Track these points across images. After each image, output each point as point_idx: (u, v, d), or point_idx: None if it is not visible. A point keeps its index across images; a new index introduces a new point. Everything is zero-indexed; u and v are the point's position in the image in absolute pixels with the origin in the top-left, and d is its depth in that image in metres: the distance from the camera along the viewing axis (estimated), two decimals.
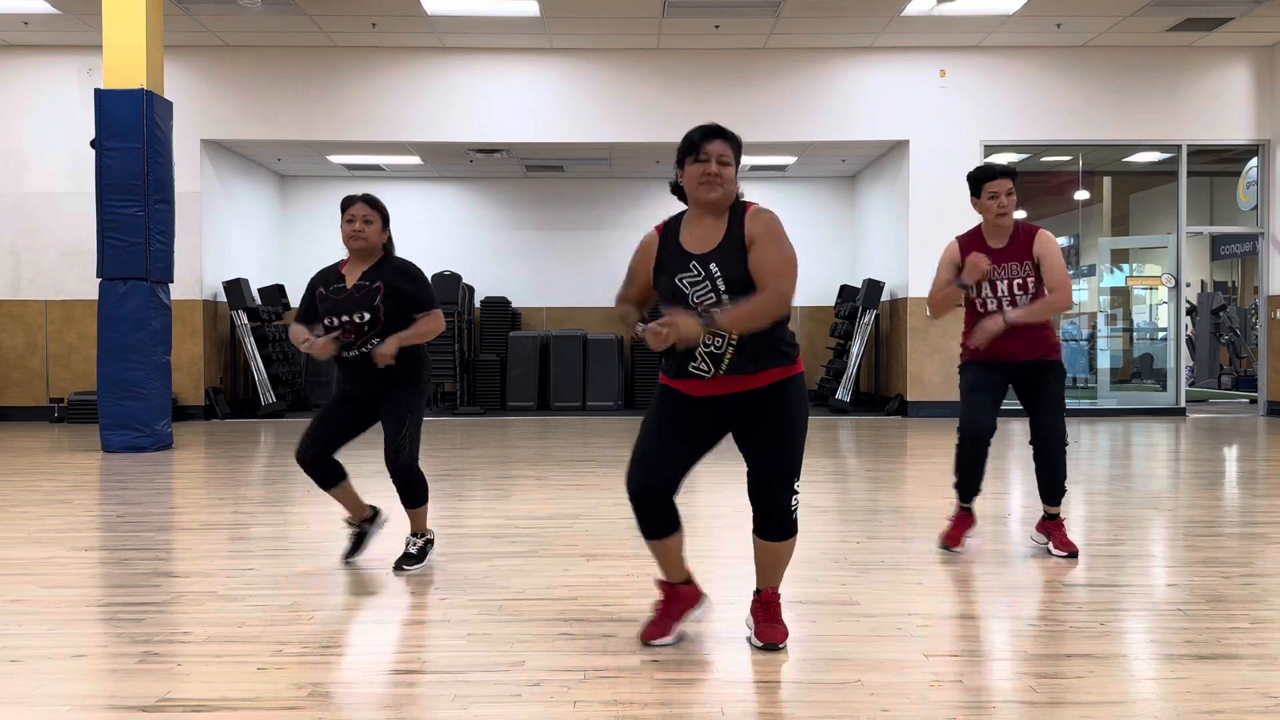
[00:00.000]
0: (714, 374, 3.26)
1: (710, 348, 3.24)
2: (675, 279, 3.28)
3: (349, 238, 4.38)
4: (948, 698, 2.95)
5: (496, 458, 8.65)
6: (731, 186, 3.31)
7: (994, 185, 4.63)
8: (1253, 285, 17.50)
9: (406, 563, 4.53)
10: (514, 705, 2.91)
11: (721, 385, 3.29)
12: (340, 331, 4.33)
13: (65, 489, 7.02)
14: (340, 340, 4.33)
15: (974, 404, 4.74)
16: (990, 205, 4.65)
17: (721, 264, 3.24)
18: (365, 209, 4.41)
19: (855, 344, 13.17)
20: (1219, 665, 3.23)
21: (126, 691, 3.02)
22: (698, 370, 3.27)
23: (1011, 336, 4.63)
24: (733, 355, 3.24)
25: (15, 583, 4.32)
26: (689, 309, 3.22)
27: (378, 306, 4.34)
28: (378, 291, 4.35)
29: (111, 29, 9.20)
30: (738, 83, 12.40)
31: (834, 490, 6.93)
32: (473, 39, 12.05)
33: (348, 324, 4.33)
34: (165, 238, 9.39)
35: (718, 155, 3.28)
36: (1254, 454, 9.12)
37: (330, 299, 4.40)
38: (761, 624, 3.44)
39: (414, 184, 15.22)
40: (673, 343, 3.14)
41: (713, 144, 3.29)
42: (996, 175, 4.64)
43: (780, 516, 3.35)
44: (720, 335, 3.22)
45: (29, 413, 12.14)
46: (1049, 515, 4.87)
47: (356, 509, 4.66)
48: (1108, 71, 12.43)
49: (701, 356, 3.26)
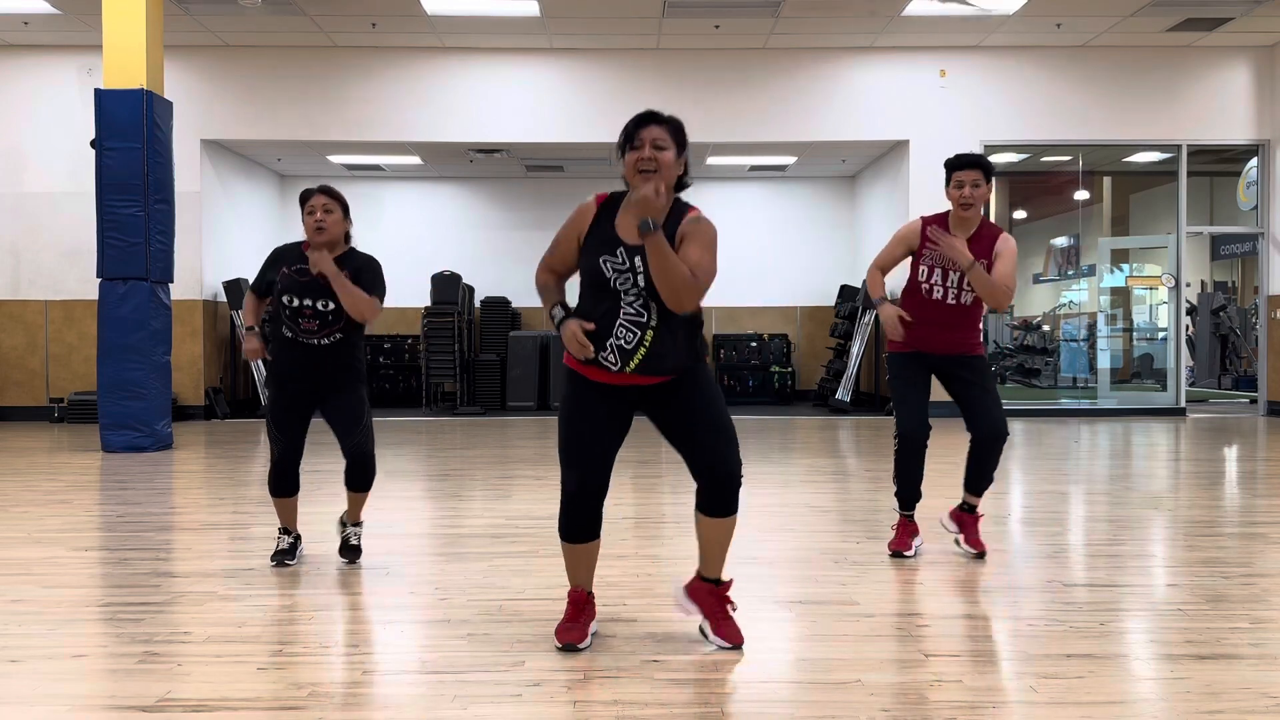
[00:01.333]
0: (620, 369, 3.22)
1: (622, 341, 3.20)
2: (600, 259, 3.23)
3: (312, 231, 4.37)
4: (948, 698, 2.95)
5: (496, 458, 8.65)
6: (669, 171, 3.24)
7: (961, 174, 4.51)
8: (1253, 285, 17.50)
9: (356, 555, 4.60)
10: (514, 705, 2.91)
11: (626, 379, 3.25)
12: (300, 315, 4.31)
13: (65, 489, 7.02)
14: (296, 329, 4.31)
15: (910, 408, 4.64)
16: (953, 195, 4.53)
17: (647, 260, 3.16)
18: (325, 199, 4.41)
19: (855, 344, 13.17)
20: (1219, 665, 3.22)
21: (126, 691, 3.02)
22: (605, 360, 3.22)
23: (937, 331, 4.57)
24: (644, 356, 3.20)
25: (15, 583, 4.32)
26: (607, 291, 3.20)
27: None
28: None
29: (111, 29, 9.20)
30: (738, 83, 12.40)
31: (834, 490, 6.93)
32: (473, 39, 12.04)
33: (308, 309, 4.32)
34: (165, 238, 9.39)
35: (652, 140, 3.23)
36: (1254, 454, 9.12)
37: (294, 279, 4.36)
38: (722, 622, 3.42)
39: (414, 184, 15.21)
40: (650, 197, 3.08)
41: (648, 129, 3.24)
42: (965, 165, 4.53)
43: (734, 486, 3.32)
44: (634, 331, 3.19)
45: (29, 413, 12.13)
46: (969, 507, 4.75)
47: (291, 521, 4.69)
48: (1108, 71, 12.43)
49: (612, 348, 3.21)
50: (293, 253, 4.49)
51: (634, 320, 3.20)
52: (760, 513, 5.95)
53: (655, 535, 5.29)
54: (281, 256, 4.49)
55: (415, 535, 5.41)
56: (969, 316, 4.61)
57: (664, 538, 5.22)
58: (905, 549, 4.72)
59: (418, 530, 5.55)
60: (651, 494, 6.57)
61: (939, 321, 4.58)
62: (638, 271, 3.19)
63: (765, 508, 6.11)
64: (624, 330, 3.20)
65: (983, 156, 4.63)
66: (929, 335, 4.60)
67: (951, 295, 4.54)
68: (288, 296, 4.35)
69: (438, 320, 13.43)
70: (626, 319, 3.21)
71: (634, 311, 3.21)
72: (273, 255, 4.53)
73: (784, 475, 7.57)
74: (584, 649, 3.36)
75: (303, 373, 4.41)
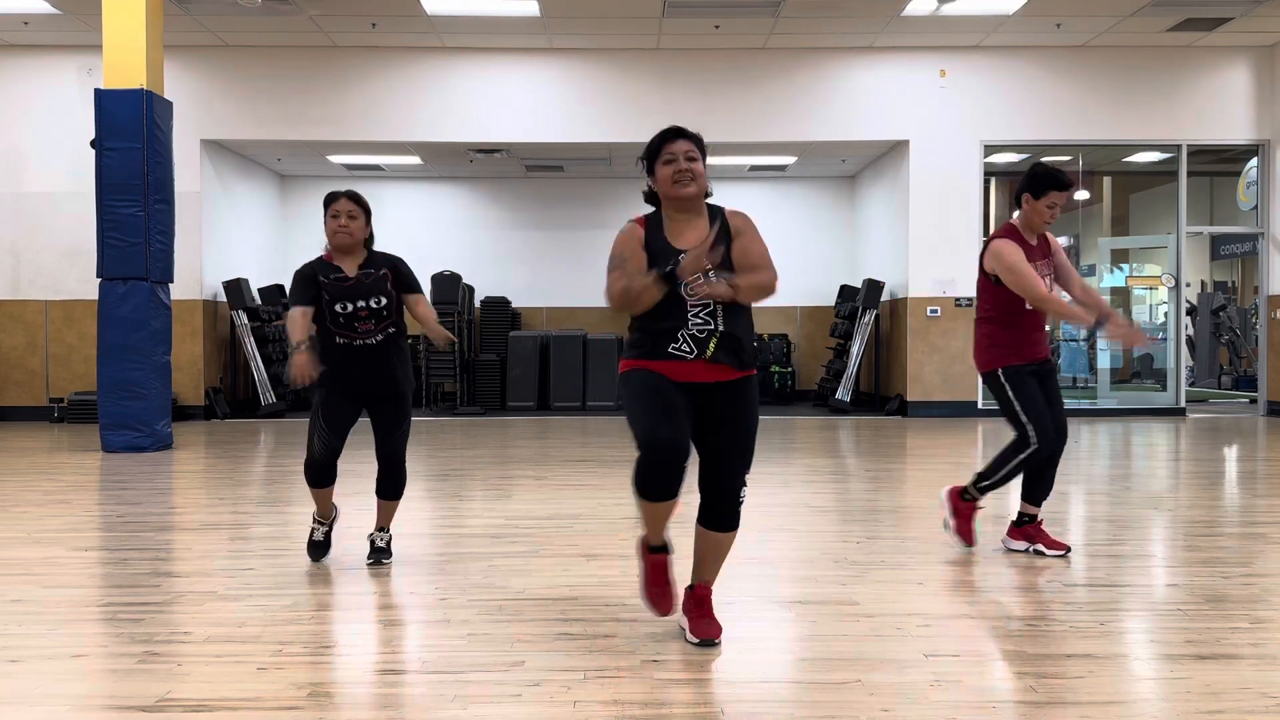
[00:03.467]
0: (696, 356, 3.31)
1: (694, 330, 3.31)
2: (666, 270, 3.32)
3: (335, 233, 4.41)
4: (948, 698, 2.95)
5: (496, 458, 8.65)
6: (703, 180, 3.40)
7: (1057, 196, 4.63)
8: (1253, 285, 17.50)
9: (385, 556, 4.64)
10: (514, 705, 2.91)
11: (703, 372, 3.33)
12: (355, 319, 4.37)
13: (65, 489, 7.02)
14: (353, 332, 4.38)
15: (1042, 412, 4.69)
16: (1046, 212, 4.66)
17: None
18: (350, 205, 4.45)
19: (855, 344, 13.17)
20: (1219, 665, 3.23)
21: (126, 691, 3.02)
22: (679, 351, 3.32)
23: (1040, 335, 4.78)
24: (718, 342, 3.32)
25: (15, 583, 4.32)
26: (678, 297, 3.29)
27: (390, 292, 4.45)
28: (386, 278, 4.46)
29: (111, 29, 9.20)
30: (738, 83, 12.40)
31: (834, 490, 6.93)
32: (473, 39, 12.04)
33: (364, 310, 4.37)
34: (165, 238, 9.39)
35: (684, 153, 3.39)
36: (1254, 454, 9.12)
37: (338, 286, 4.38)
38: (695, 619, 3.46)
39: (414, 184, 15.21)
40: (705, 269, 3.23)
41: (676, 143, 3.40)
42: (1063, 186, 4.63)
43: (735, 506, 3.42)
44: (707, 321, 3.30)
45: (29, 413, 12.13)
46: (1032, 518, 4.88)
47: (328, 509, 4.73)
48: (1108, 71, 12.42)
49: (685, 338, 3.31)
50: (319, 266, 4.47)
51: (701, 326, 3.33)
52: (760, 513, 5.95)
53: None
54: (315, 271, 4.43)
55: (415, 535, 5.40)
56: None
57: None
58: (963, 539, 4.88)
59: (418, 530, 5.55)
60: None
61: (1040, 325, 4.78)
62: (705, 270, 3.28)
63: (765, 508, 6.10)
64: (696, 322, 3.32)
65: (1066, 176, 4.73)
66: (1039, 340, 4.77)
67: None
68: (340, 304, 4.37)
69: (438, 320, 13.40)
70: (694, 325, 3.33)
71: (701, 319, 3.33)
72: (303, 275, 4.41)
73: (784, 475, 7.57)
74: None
75: (362, 372, 4.44)
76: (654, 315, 3.34)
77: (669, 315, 3.32)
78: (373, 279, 4.44)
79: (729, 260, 3.35)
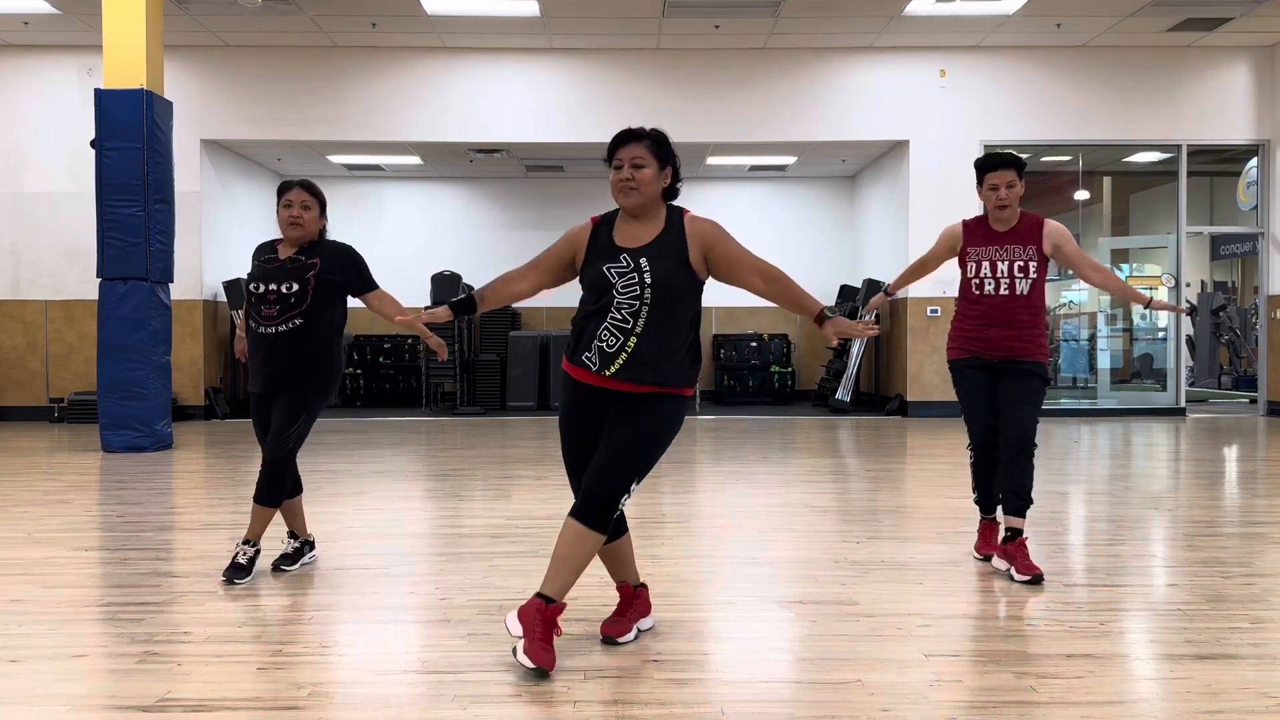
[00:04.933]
0: (599, 370, 3.27)
1: (604, 344, 3.25)
2: (604, 268, 3.28)
3: (286, 225, 4.31)
4: (948, 698, 2.95)
5: (496, 458, 8.65)
6: (649, 187, 3.30)
7: (994, 177, 4.49)
8: (1253, 285, 17.49)
9: (237, 575, 4.27)
10: (514, 705, 2.91)
11: (607, 383, 3.29)
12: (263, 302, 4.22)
13: (65, 489, 7.02)
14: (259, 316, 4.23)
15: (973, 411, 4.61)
16: (989, 196, 4.51)
17: (652, 260, 3.26)
18: (303, 194, 4.34)
19: (855, 344, 13.17)
20: (1219, 665, 3.23)
21: (126, 691, 3.02)
22: (587, 360, 3.29)
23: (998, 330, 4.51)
24: (625, 361, 3.24)
25: (15, 583, 4.32)
26: (605, 296, 3.24)
27: (308, 280, 4.24)
28: (311, 267, 4.27)
29: (111, 29, 9.20)
30: (738, 83, 12.40)
31: (834, 490, 6.93)
32: (473, 39, 12.04)
33: (272, 293, 4.22)
34: (165, 238, 9.39)
35: (631, 159, 3.31)
36: (1254, 454, 9.12)
37: (260, 267, 4.33)
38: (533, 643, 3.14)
39: (414, 184, 15.21)
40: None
41: (626, 149, 3.33)
42: (996, 166, 4.50)
43: (596, 506, 3.19)
44: (618, 336, 3.23)
45: (29, 413, 12.13)
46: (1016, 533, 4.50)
47: (302, 527, 4.61)
48: (1108, 71, 12.42)
49: (595, 349, 3.27)
50: (263, 247, 4.45)
51: (619, 326, 3.24)
52: (760, 513, 5.95)
53: (655, 535, 5.29)
54: (256, 253, 4.45)
55: (415, 535, 5.41)
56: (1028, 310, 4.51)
57: (664, 537, 5.22)
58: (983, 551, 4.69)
59: (418, 530, 5.55)
60: (651, 494, 6.57)
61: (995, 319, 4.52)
62: (643, 271, 3.24)
63: (765, 508, 6.11)
64: (608, 334, 3.25)
65: (1013, 155, 4.58)
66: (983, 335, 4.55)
67: (1005, 283, 4.50)
68: (254, 284, 4.28)
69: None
70: (612, 323, 3.24)
71: (620, 318, 3.24)
72: (254, 254, 4.48)
73: (784, 475, 7.57)
74: (623, 643, 3.42)
75: (260, 362, 4.27)
76: (580, 321, 3.33)
77: (588, 320, 3.30)
78: (297, 265, 4.25)
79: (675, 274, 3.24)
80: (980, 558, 4.69)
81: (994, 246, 4.53)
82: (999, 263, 4.51)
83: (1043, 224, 4.55)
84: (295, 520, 4.58)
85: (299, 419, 4.27)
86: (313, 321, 4.24)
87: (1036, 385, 4.47)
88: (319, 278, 4.26)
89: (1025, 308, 4.49)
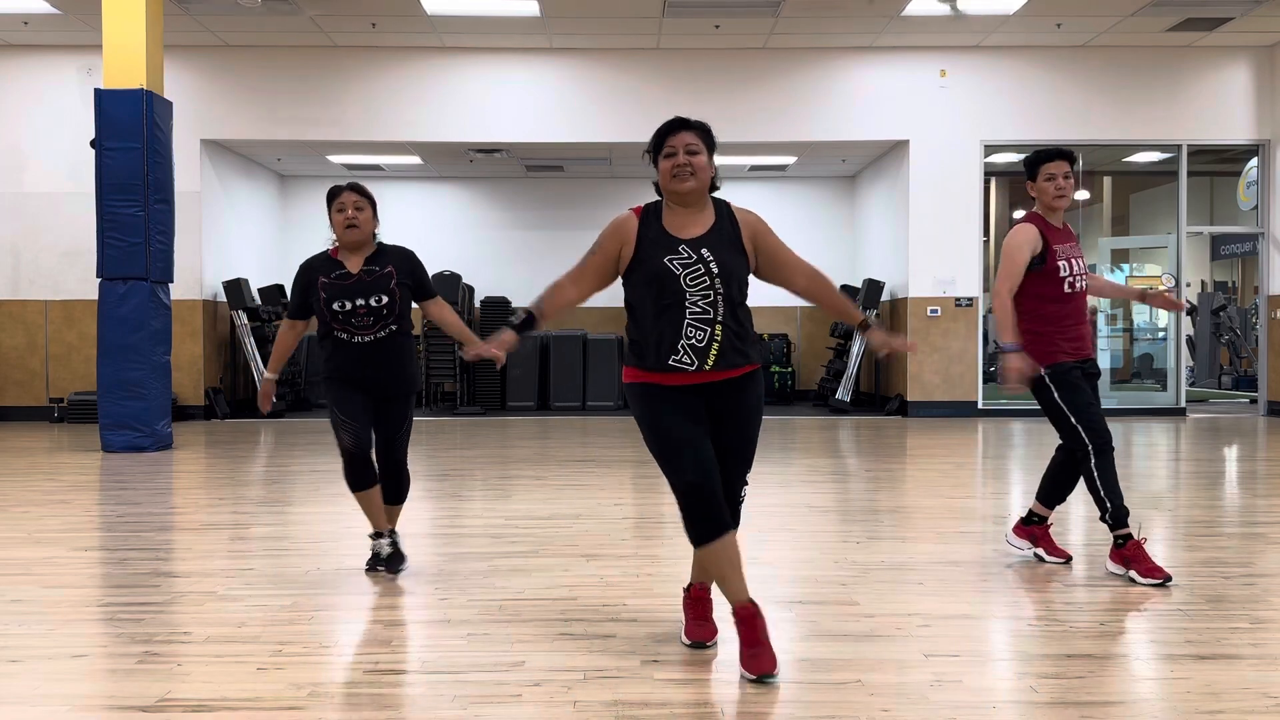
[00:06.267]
0: (698, 368, 3.22)
1: (693, 341, 3.21)
2: (665, 260, 3.22)
3: (343, 227, 4.31)
4: (948, 698, 2.95)
5: (496, 458, 8.65)
6: (705, 174, 3.29)
7: (1052, 166, 4.43)
8: (1253, 285, 17.49)
9: (397, 564, 4.47)
10: (514, 705, 2.91)
11: (707, 376, 3.25)
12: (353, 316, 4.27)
13: (65, 489, 7.02)
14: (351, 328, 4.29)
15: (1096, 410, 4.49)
16: (1047, 187, 4.43)
17: (713, 249, 3.24)
18: (356, 197, 4.34)
19: (855, 344, 13.16)
20: (1219, 665, 3.22)
21: (126, 691, 3.02)
22: (679, 364, 3.22)
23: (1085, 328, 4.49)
24: (718, 352, 3.22)
25: (15, 583, 4.32)
26: (670, 292, 3.19)
27: (394, 290, 4.31)
28: (390, 276, 4.33)
29: (111, 29, 9.20)
30: (738, 83, 12.40)
31: (834, 490, 6.93)
32: (473, 39, 12.04)
33: (362, 308, 4.27)
34: (165, 238, 9.39)
35: (685, 146, 3.27)
36: (1254, 454, 9.12)
37: (338, 285, 4.30)
38: (690, 620, 3.47)
39: (414, 184, 15.21)
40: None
41: (678, 136, 3.29)
42: (1054, 156, 4.45)
43: (735, 506, 3.36)
44: (704, 328, 3.20)
45: (29, 413, 12.13)
46: (1042, 519, 4.64)
47: (380, 518, 4.54)
48: (1108, 71, 12.42)
49: (684, 350, 3.22)
50: (321, 263, 4.40)
51: (700, 318, 3.21)
52: (760, 513, 5.95)
53: (655, 535, 5.29)
54: (313, 270, 4.38)
55: (415, 535, 5.40)
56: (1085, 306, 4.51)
57: (664, 538, 5.22)
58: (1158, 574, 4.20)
59: (418, 530, 5.55)
60: (651, 494, 6.57)
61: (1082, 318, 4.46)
62: (708, 261, 3.22)
63: (765, 508, 6.10)
64: (693, 330, 3.21)
65: (1067, 149, 4.53)
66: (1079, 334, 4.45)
67: (1081, 279, 4.44)
68: (338, 303, 4.28)
69: None
70: (693, 318, 3.21)
71: (700, 309, 3.21)
72: (302, 280, 4.39)
73: (784, 475, 7.57)
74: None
75: (362, 368, 4.36)
76: (650, 322, 3.24)
77: (661, 320, 3.22)
78: (375, 276, 4.32)
79: (738, 264, 3.27)
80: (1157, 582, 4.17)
81: (1069, 244, 4.48)
82: (1074, 260, 4.44)
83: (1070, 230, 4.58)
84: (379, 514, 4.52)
85: (408, 423, 4.50)
86: (404, 324, 4.41)
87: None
88: (399, 284, 4.35)
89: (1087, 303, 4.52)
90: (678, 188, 3.26)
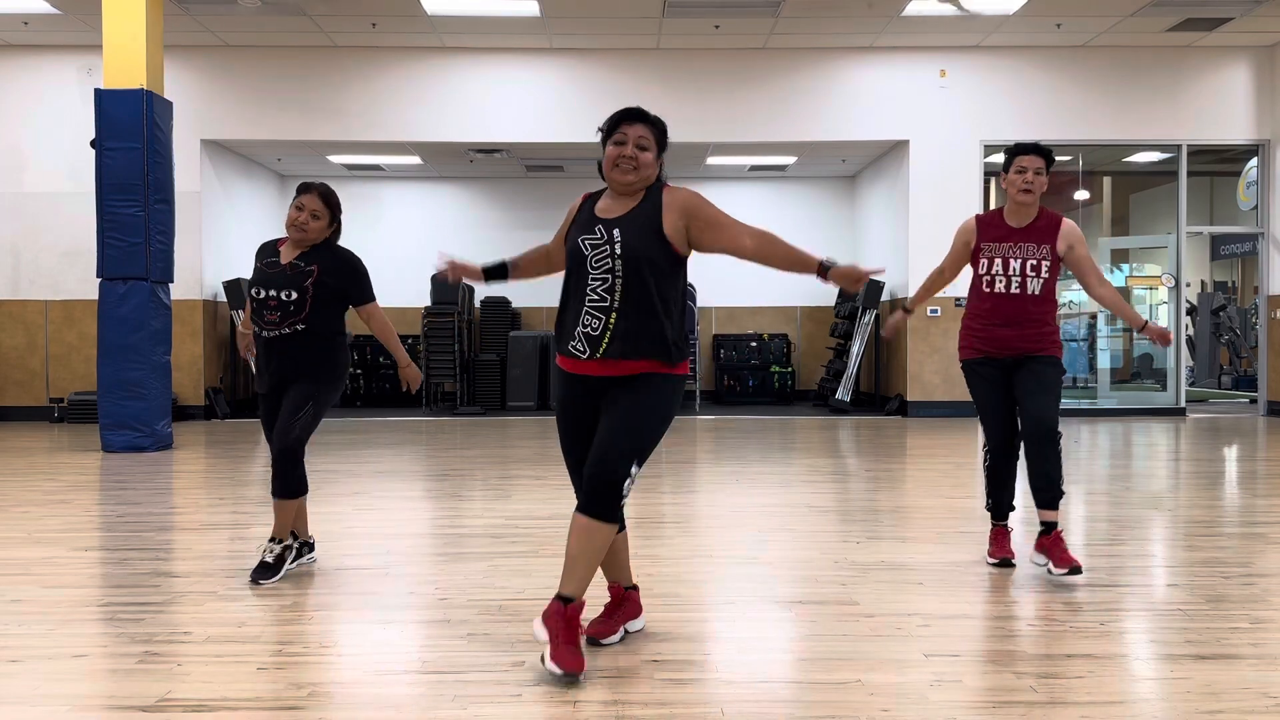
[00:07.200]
0: (589, 356, 3.21)
1: (588, 329, 3.20)
2: (580, 240, 3.26)
3: (290, 225, 4.28)
4: (948, 698, 2.95)
5: (496, 458, 8.65)
6: (647, 170, 3.27)
7: (1024, 159, 4.43)
8: (1253, 285, 17.49)
9: (263, 575, 4.24)
10: (514, 705, 2.91)
11: (597, 368, 3.23)
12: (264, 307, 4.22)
13: (65, 489, 7.02)
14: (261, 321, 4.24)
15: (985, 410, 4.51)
16: (1015, 180, 4.43)
17: (624, 230, 3.21)
18: (317, 202, 4.28)
19: (855, 344, 13.17)
20: (1219, 665, 3.22)
21: (126, 691, 3.02)
22: (574, 350, 3.23)
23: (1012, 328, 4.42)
24: (609, 341, 3.19)
25: (15, 583, 4.32)
26: (580, 274, 3.22)
27: (306, 288, 4.21)
28: (310, 274, 4.24)
29: (111, 29, 9.20)
30: (738, 83, 12.40)
31: (834, 490, 6.93)
32: (473, 39, 12.04)
33: (272, 300, 4.21)
34: (165, 238, 9.39)
35: (636, 139, 3.26)
36: (1254, 454, 9.12)
37: (264, 271, 4.30)
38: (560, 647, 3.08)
39: (414, 184, 15.21)
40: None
41: (633, 126, 3.27)
42: (1029, 150, 4.44)
43: (601, 490, 3.14)
44: (599, 316, 3.18)
45: (29, 413, 12.13)
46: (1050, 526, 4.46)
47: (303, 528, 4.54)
48: (1108, 71, 12.42)
49: (580, 336, 3.22)
50: (266, 248, 4.43)
51: (597, 305, 3.20)
52: (760, 513, 5.95)
53: (655, 535, 5.29)
54: (260, 251, 4.43)
55: (415, 535, 5.41)
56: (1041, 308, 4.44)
57: (664, 538, 5.22)
58: (994, 556, 4.54)
59: (418, 530, 5.55)
60: (651, 494, 6.57)
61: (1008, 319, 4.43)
62: (614, 242, 3.20)
63: (765, 508, 6.11)
64: (589, 317, 3.21)
65: (1045, 146, 4.53)
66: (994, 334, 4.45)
67: (1017, 282, 4.41)
68: (255, 289, 4.27)
69: (438, 320, 13.43)
70: (591, 305, 3.21)
71: (597, 297, 3.20)
72: (255, 254, 4.47)
73: (784, 475, 7.57)
74: (608, 644, 3.40)
75: (266, 366, 4.31)
76: (562, 303, 3.31)
77: (568, 307, 3.26)
78: (296, 271, 4.22)
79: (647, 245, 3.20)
80: (994, 562, 4.52)
81: (1008, 243, 4.45)
82: (1011, 260, 4.43)
83: (1060, 223, 4.49)
84: (298, 520, 4.53)
85: (305, 406, 4.25)
86: (314, 325, 4.25)
87: (1053, 374, 4.39)
88: (316, 284, 4.24)
89: (1036, 306, 4.42)
90: (618, 178, 3.27)
